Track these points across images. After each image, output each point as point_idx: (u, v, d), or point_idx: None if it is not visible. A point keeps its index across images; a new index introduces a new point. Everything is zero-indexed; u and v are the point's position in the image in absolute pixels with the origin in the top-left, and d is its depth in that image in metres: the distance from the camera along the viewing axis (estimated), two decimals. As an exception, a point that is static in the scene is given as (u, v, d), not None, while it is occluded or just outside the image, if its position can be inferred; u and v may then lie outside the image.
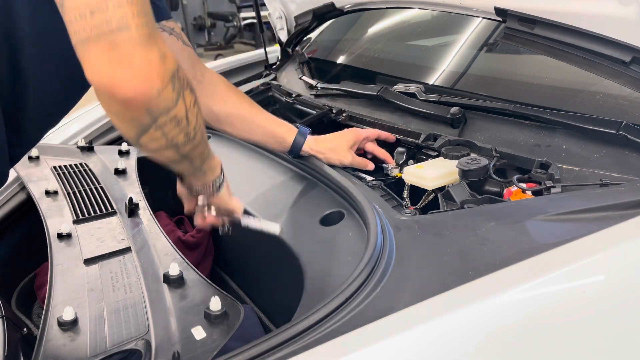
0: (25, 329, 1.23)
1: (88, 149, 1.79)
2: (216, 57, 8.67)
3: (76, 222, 1.38)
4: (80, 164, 1.69)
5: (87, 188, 1.54)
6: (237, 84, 2.16)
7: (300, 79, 1.97)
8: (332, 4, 1.93)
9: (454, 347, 0.80)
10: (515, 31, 1.34)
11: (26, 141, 1.07)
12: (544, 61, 1.36)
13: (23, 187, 1.59)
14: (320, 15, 2.02)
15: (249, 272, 1.50)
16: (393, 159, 1.51)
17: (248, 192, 1.42)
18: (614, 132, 1.11)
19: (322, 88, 1.81)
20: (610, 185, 1.05)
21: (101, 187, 1.54)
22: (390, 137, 1.49)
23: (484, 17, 1.50)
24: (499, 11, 1.37)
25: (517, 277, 0.85)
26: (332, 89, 1.78)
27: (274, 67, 2.21)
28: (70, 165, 1.68)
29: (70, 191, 1.52)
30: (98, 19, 0.71)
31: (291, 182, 1.40)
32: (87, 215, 1.40)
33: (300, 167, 1.42)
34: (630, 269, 0.91)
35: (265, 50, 2.23)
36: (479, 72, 1.57)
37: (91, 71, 0.73)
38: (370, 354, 0.77)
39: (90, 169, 1.66)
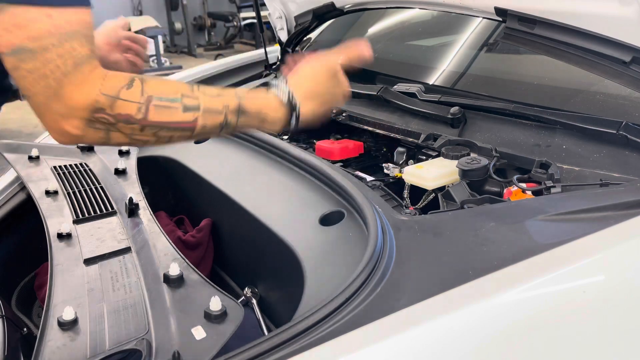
0: (25, 329, 1.23)
1: (88, 148, 1.79)
2: (216, 57, 8.67)
3: (76, 222, 1.38)
4: (81, 164, 1.69)
5: (87, 188, 1.54)
6: (237, 84, 2.16)
7: (300, 79, 1.97)
8: (332, 4, 1.93)
9: (454, 347, 0.80)
10: (515, 31, 1.34)
11: None
12: (544, 61, 1.36)
13: (23, 187, 1.59)
14: (320, 15, 2.02)
15: (249, 272, 1.50)
16: (393, 159, 1.51)
17: (248, 192, 1.42)
18: (614, 132, 1.12)
19: (322, 88, 1.81)
20: (610, 185, 1.05)
21: (101, 187, 1.54)
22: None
23: (484, 17, 1.50)
24: (499, 11, 1.37)
25: (517, 277, 0.85)
26: (332, 89, 1.78)
27: (274, 67, 2.21)
28: (70, 165, 1.68)
29: (70, 191, 1.52)
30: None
31: (291, 182, 1.40)
32: (87, 215, 1.40)
33: (300, 166, 1.42)
34: (630, 269, 0.91)
35: (265, 50, 2.22)
36: (479, 72, 1.57)
37: None
38: (370, 354, 0.77)
39: (90, 169, 1.65)
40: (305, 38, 2.18)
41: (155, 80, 0.90)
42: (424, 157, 1.40)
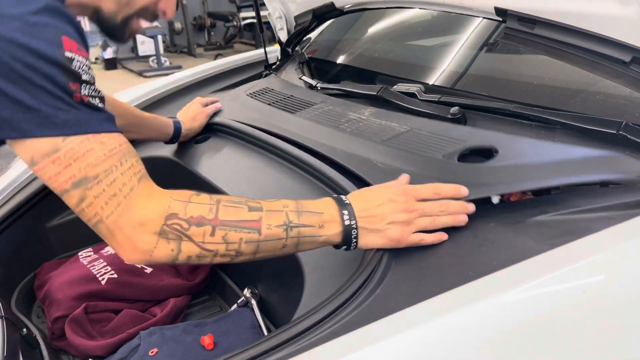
0: (25, 329, 1.23)
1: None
2: (216, 57, 8.67)
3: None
4: None
5: None
6: (237, 84, 2.16)
7: (300, 79, 1.97)
8: (332, 4, 1.93)
9: (453, 348, 0.80)
10: (515, 31, 1.34)
11: None
12: (544, 61, 1.36)
13: (23, 187, 1.59)
14: (320, 15, 2.02)
15: (248, 272, 1.50)
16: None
17: (248, 192, 1.42)
18: (614, 132, 1.11)
19: (322, 88, 1.81)
20: (610, 185, 1.05)
21: None
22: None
23: (484, 17, 1.50)
24: (499, 11, 1.37)
25: (517, 278, 0.85)
26: (332, 89, 1.78)
27: (274, 67, 2.21)
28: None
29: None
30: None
31: (291, 182, 1.40)
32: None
33: (300, 166, 1.42)
34: (630, 269, 0.91)
35: (265, 50, 2.22)
36: (479, 72, 1.57)
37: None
38: (370, 354, 0.77)
39: None
40: (305, 38, 2.18)
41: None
42: (424, 157, 1.39)
